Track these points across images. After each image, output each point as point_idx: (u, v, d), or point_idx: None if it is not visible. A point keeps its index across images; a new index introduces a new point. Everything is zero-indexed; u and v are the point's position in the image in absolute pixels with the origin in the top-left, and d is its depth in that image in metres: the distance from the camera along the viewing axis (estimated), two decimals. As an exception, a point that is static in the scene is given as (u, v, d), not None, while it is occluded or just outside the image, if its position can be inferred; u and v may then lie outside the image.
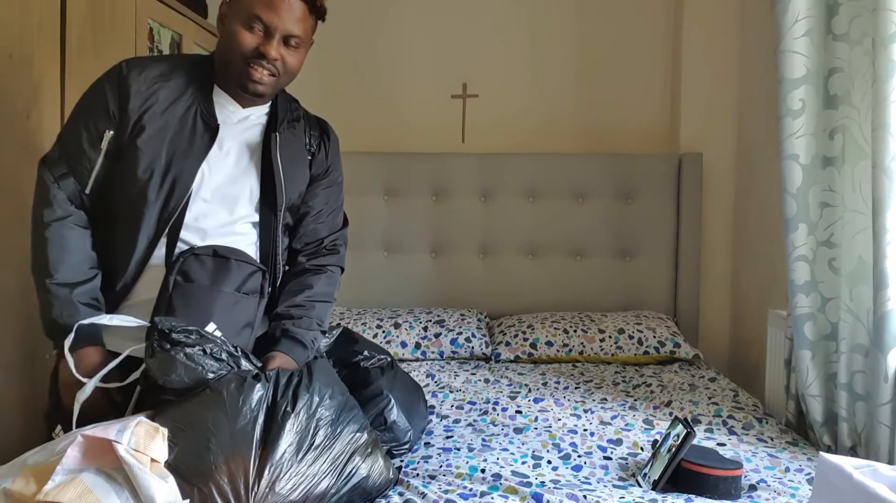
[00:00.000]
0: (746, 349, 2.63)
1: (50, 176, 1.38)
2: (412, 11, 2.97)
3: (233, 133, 1.46)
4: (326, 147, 1.61)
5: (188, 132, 1.40)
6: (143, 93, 1.38)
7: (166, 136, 1.38)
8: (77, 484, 1.02)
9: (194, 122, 1.41)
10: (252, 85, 1.41)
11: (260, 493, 1.12)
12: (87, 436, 1.07)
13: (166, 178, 1.37)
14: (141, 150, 1.36)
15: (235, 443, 1.14)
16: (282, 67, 1.42)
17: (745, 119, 2.71)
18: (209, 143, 1.41)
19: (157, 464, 1.08)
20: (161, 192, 1.37)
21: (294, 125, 1.55)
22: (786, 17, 1.72)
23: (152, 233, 1.38)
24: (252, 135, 1.49)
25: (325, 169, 1.61)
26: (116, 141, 1.38)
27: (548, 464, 1.54)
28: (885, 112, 1.50)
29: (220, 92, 1.46)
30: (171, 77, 1.42)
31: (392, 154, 2.88)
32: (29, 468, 1.07)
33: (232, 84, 1.44)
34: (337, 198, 1.66)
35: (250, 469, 1.13)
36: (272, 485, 1.14)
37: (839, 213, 1.71)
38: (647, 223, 2.78)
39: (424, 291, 2.83)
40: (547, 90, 2.95)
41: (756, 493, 1.41)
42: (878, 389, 1.53)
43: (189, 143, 1.39)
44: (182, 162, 1.38)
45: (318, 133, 1.60)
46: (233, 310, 1.39)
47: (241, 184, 1.46)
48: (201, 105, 1.42)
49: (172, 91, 1.41)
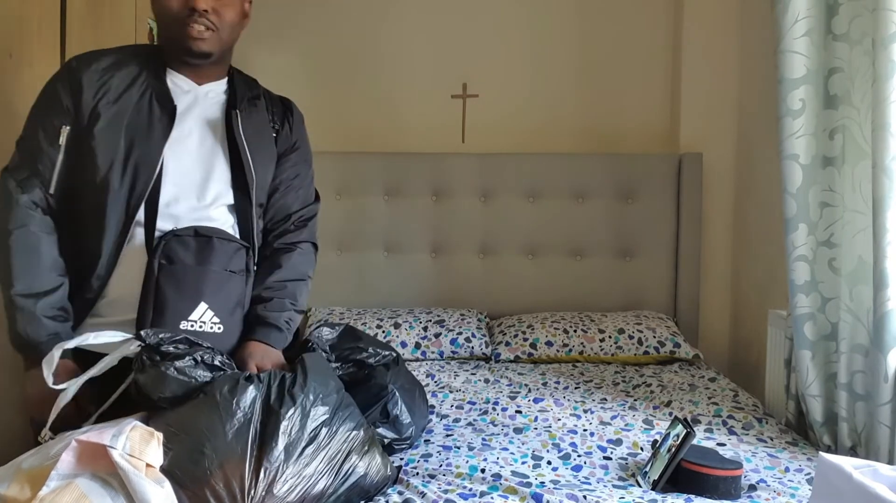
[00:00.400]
0: (746, 349, 2.62)
1: (12, 181, 1.36)
2: (412, 11, 2.97)
3: (193, 113, 1.45)
4: (290, 123, 1.59)
5: (145, 116, 1.39)
6: (95, 83, 1.38)
7: (122, 123, 1.37)
8: (72, 489, 1.01)
9: (150, 105, 1.40)
10: (193, 43, 1.38)
11: (257, 497, 1.12)
12: (82, 440, 1.06)
13: (128, 165, 1.36)
14: (98, 140, 1.36)
15: (230, 447, 1.14)
16: (217, 21, 1.40)
17: (745, 119, 2.71)
18: (168, 125, 1.40)
19: (152, 468, 1.07)
20: (124, 180, 1.36)
21: (255, 103, 1.53)
22: (786, 17, 1.72)
23: (121, 223, 1.37)
24: (212, 112, 1.47)
25: (291, 144, 1.59)
26: (74, 135, 1.37)
27: (548, 464, 1.54)
28: (886, 112, 1.49)
29: (173, 72, 1.45)
30: (122, 66, 1.41)
31: (392, 154, 2.87)
32: (24, 472, 1.06)
33: (178, 54, 1.42)
34: (306, 173, 1.64)
35: (246, 472, 1.13)
36: (269, 487, 1.13)
37: (839, 213, 1.70)
38: (647, 223, 2.78)
39: (424, 291, 2.83)
40: (547, 90, 2.95)
41: (756, 493, 1.41)
42: (878, 389, 1.53)
43: (147, 127, 1.38)
44: (142, 147, 1.37)
45: (282, 109, 1.59)
46: (223, 289, 1.38)
47: (209, 165, 1.44)
48: (155, 88, 1.41)
49: (124, 78, 1.40)
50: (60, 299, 1.36)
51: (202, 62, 1.44)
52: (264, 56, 2.93)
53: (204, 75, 1.48)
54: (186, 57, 1.42)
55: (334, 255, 2.84)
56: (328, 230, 2.81)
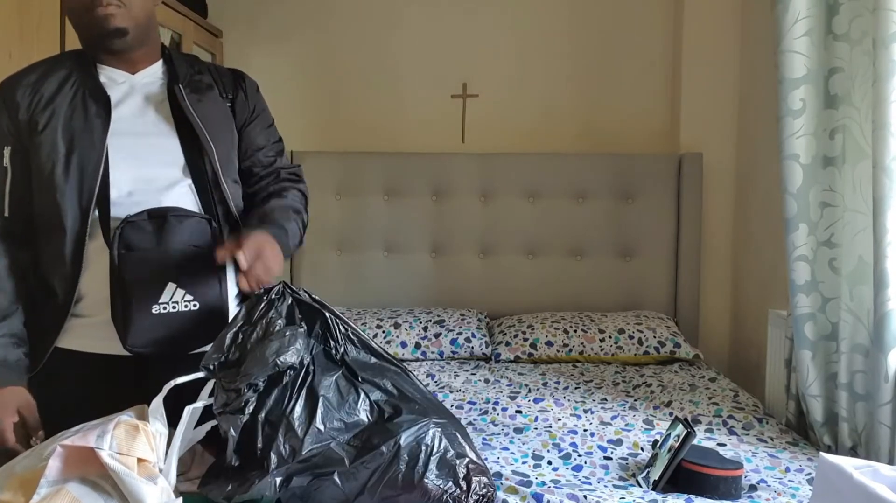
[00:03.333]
0: (746, 349, 2.62)
1: None
2: (412, 12, 2.97)
3: (132, 101, 1.42)
4: (244, 89, 1.55)
5: (80, 114, 1.37)
6: (28, 96, 1.37)
7: (58, 124, 1.35)
8: (64, 495, 0.99)
9: (84, 102, 1.38)
10: (104, 21, 1.34)
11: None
12: (67, 445, 1.03)
13: (70, 164, 1.34)
14: (39, 146, 1.35)
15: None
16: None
17: (745, 119, 2.71)
18: (106, 118, 1.37)
19: (144, 463, 1.05)
20: (69, 179, 1.34)
21: (200, 78, 1.50)
22: (786, 17, 1.72)
23: (77, 222, 1.35)
24: (153, 94, 1.45)
25: (250, 110, 1.55)
26: (17, 152, 1.37)
27: (548, 464, 1.54)
28: (886, 112, 1.49)
29: (103, 67, 1.43)
30: (51, 72, 1.41)
31: (392, 154, 2.87)
32: (17, 477, 1.04)
33: (97, 43, 1.40)
34: (276, 136, 1.61)
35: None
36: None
37: (839, 213, 1.70)
38: (647, 223, 2.78)
39: (424, 291, 2.83)
40: (547, 90, 2.95)
41: (756, 493, 1.41)
42: (879, 389, 1.52)
43: (84, 122, 1.36)
44: (83, 144, 1.35)
45: (231, 79, 1.55)
46: (190, 266, 1.36)
47: (158, 147, 1.41)
48: (87, 85, 1.39)
49: (54, 83, 1.39)
50: (14, 325, 1.35)
51: (120, 42, 1.39)
52: (264, 57, 2.94)
53: (135, 61, 1.44)
54: (104, 41, 1.38)
55: (334, 255, 2.84)
56: (328, 230, 2.82)
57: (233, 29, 2.98)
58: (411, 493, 1.13)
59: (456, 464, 1.17)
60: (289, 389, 1.23)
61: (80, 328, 1.36)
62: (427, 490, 1.13)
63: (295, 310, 1.28)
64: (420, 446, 1.16)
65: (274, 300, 1.27)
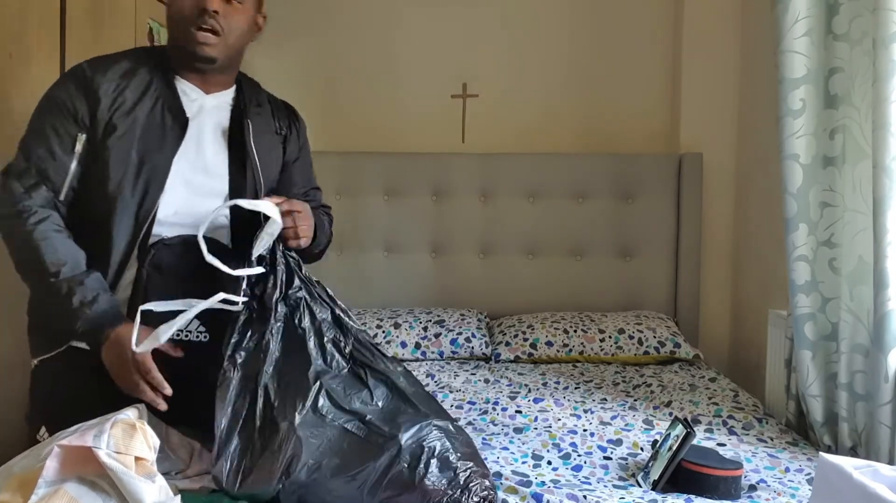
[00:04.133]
0: (746, 349, 2.62)
1: (19, 186, 1.35)
2: (412, 11, 2.97)
3: (199, 123, 1.45)
4: (297, 129, 1.61)
5: (157, 127, 1.39)
6: (111, 94, 1.38)
7: (136, 134, 1.37)
8: (62, 495, 0.99)
9: (162, 116, 1.40)
10: (199, 47, 1.38)
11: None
12: (64, 445, 1.03)
13: (140, 176, 1.37)
14: (112, 151, 1.36)
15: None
16: (225, 25, 1.39)
17: (745, 119, 2.71)
18: (180, 137, 1.40)
19: (142, 462, 1.05)
20: (136, 191, 1.36)
21: (259, 110, 1.54)
22: (786, 17, 1.72)
23: (130, 232, 1.37)
24: (219, 121, 1.48)
25: (298, 149, 1.61)
26: (89, 144, 1.37)
27: (548, 464, 1.54)
28: (886, 112, 1.49)
29: (182, 80, 1.45)
30: (134, 73, 1.41)
31: (392, 154, 2.87)
32: (15, 477, 1.04)
33: (185, 59, 1.42)
34: (314, 181, 1.69)
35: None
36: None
37: (839, 213, 1.70)
38: (647, 223, 2.78)
39: (424, 291, 2.83)
40: (547, 90, 2.95)
41: (756, 494, 1.40)
42: (879, 389, 1.52)
43: (160, 138, 1.39)
44: (154, 158, 1.38)
45: (286, 116, 1.60)
46: (214, 288, 1.36)
47: (210, 173, 1.44)
48: (167, 98, 1.41)
49: (137, 88, 1.40)
50: (100, 278, 1.35)
51: (207, 67, 1.43)
52: (264, 57, 2.93)
53: (212, 83, 1.48)
54: (192, 61, 1.42)
55: (334, 255, 2.84)
56: (328, 230, 2.82)
57: (233, 29, 2.97)
58: (412, 494, 1.13)
59: (457, 466, 1.17)
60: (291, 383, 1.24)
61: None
62: (427, 491, 1.13)
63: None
64: (421, 447, 1.16)
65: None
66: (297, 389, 1.20)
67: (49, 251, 1.32)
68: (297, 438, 1.13)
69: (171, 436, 1.30)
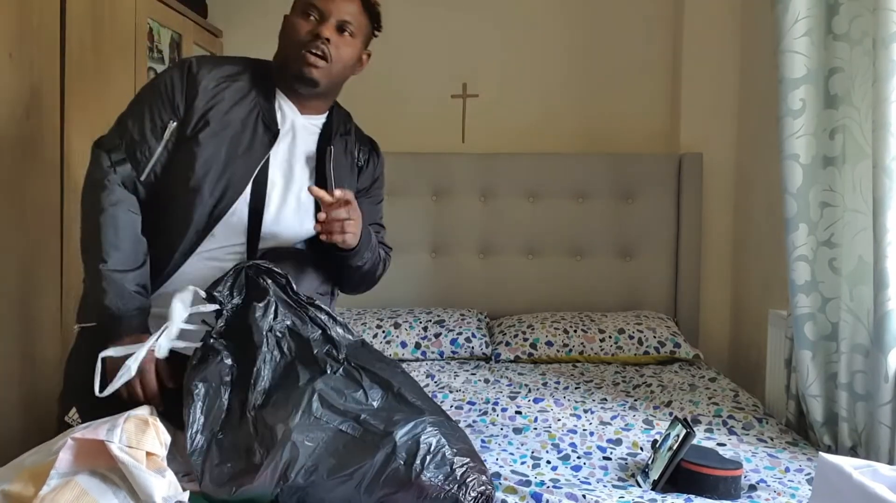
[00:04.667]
0: (746, 349, 2.62)
1: (107, 159, 1.40)
2: (412, 11, 2.96)
3: (288, 141, 1.50)
4: (375, 163, 1.67)
5: (248, 134, 1.44)
6: (211, 91, 1.43)
7: (227, 135, 1.42)
8: (73, 486, 1.01)
9: (255, 124, 1.45)
10: (307, 69, 1.44)
11: None
12: (78, 438, 1.06)
13: (222, 176, 1.41)
14: (201, 146, 1.40)
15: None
16: (334, 53, 1.45)
17: (745, 119, 2.71)
18: (268, 147, 1.45)
19: (153, 457, 1.07)
20: (216, 190, 1.41)
21: (345, 138, 1.59)
22: (786, 17, 1.72)
23: (202, 227, 1.41)
24: (307, 143, 1.53)
25: (370, 184, 1.66)
26: (179, 134, 1.42)
27: (547, 464, 1.54)
28: (886, 112, 1.49)
29: (281, 95, 1.51)
30: (237, 78, 1.47)
31: (392, 154, 2.85)
32: (27, 470, 1.06)
33: (289, 77, 1.47)
34: (381, 214, 1.73)
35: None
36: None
37: (839, 213, 1.70)
38: (647, 223, 2.78)
39: (424, 291, 2.83)
40: (547, 90, 2.95)
41: (756, 493, 1.40)
42: (879, 389, 1.52)
43: (248, 144, 1.44)
44: (240, 163, 1.42)
45: (368, 149, 1.66)
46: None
47: (298, 193, 1.49)
48: (263, 108, 1.47)
49: (237, 92, 1.46)
50: (145, 275, 1.40)
51: (308, 90, 1.49)
52: (264, 57, 2.93)
53: (309, 106, 1.53)
54: (295, 82, 1.47)
55: (334, 255, 2.84)
56: (328, 230, 2.82)
57: (233, 29, 2.98)
58: (408, 491, 1.13)
59: (453, 461, 1.17)
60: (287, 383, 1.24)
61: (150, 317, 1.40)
62: (424, 487, 1.13)
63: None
64: (417, 444, 1.16)
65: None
66: (290, 396, 1.21)
67: (109, 234, 1.36)
68: (292, 444, 1.14)
69: (179, 439, 1.31)
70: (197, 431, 1.21)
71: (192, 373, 1.25)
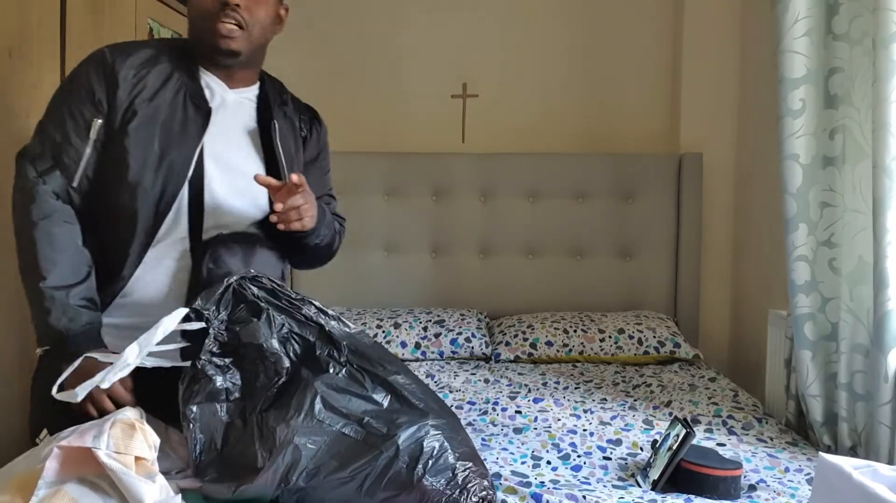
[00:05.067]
0: (746, 349, 2.62)
1: (33, 170, 1.31)
2: (413, 12, 2.97)
3: (225, 118, 1.42)
4: (318, 131, 1.58)
5: (179, 117, 1.36)
6: (131, 80, 1.34)
7: (157, 122, 1.34)
8: (62, 495, 0.98)
9: (184, 105, 1.37)
10: (223, 41, 1.35)
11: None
12: (64, 446, 1.02)
13: (161, 166, 1.33)
14: (132, 138, 1.32)
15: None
16: (248, 17, 1.36)
17: (745, 119, 2.71)
18: (203, 127, 1.37)
19: (142, 462, 1.04)
20: (157, 181, 1.33)
21: (284, 109, 1.52)
22: (786, 17, 1.72)
23: (150, 224, 1.34)
24: (245, 118, 1.45)
25: (316, 153, 1.58)
26: (106, 130, 1.34)
27: (547, 464, 1.54)
28: (886, 112, 1.49)
29: (205, 72, 1.42)
30: (157, 61, 1.38)
31: (392, 154, 2.87)
32: (15, 479, 1.03)
33: (208, 53, 1.39)
34: (330, 185, 1.65)
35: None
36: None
37: (839, 213, 1.70)
38: (647, 223, 2.78)
39: (424, 291, 2.83)
40: (547, 90, 2.95)
41: (756, 493, 1.40)
42: (879, 389, 1.52)
43: (182, 128, 1.35)
44: (177, 148, 1.34)
45: (308, 117, 1.58)
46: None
47: (245, 170, 1.40)
48: (189, 88, 1.38)
49: (159, 75, 1.37)
50: (90, 288, 1.32)
51: (231, 61, 1.41)
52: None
53: (236, 79, 1.45)
54: (216, 55, 1.39)
55: (334, 255, 2.84)
56: (328, 230, 2.82)
57: (233, 29, 2.98)
58: (410, 494, 1.13)
59: (455, 466, 1.17)
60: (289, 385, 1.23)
61: (108, 328, 1.34)
62: (426, 491, 1.13)
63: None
64: (420, 447, 1.16)
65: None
66: (292, 398, 1.20)
67: (45, 250, 1.29)
68: (294, 447, 1.13)
69: (171, 435, 1.29)
70: (201, 452, 1.20)
71: (185, 396, 1.22)
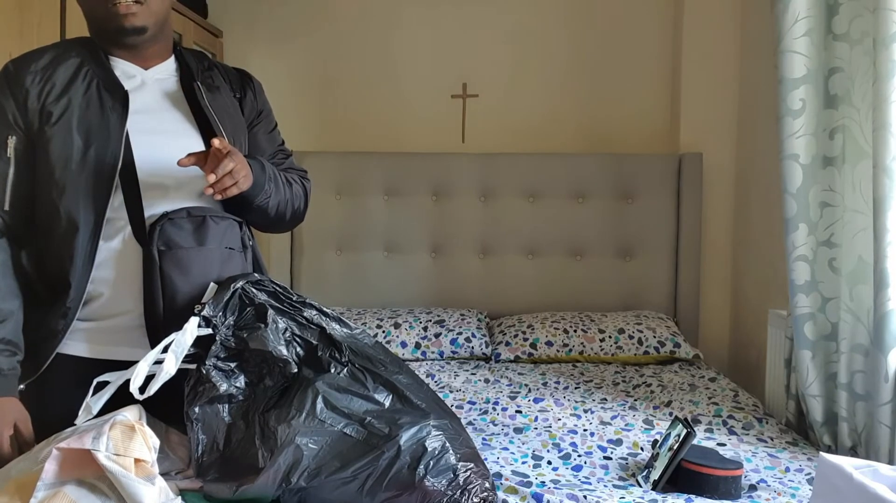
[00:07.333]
0: (746, 349, 2.62)
1: None
2: (412, 12, 2.97)
3: (147, 97, 1.37)
4: (252, 89, 1.52)
5: (96, 106, 1.31)
6: (38, 84, 1.30)
7: (73, 116, 1.30)
8: (61, 497, 0.98)
9: (99, 95, 1.32)
10: (124, 20, 1.30)
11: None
12: (63, 448, 1.01)
13: (87, 160, 1.29)
14: (51, 139, 1.28)
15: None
16: None
17: (745, 119, 2.71)
18: (123, 113, 1.32)
19: (142, 464, 1.03)
20: (86, 174, 1.29)
21: (210, 74, 1.46)
22: (786, 17, 1.72)
23: (91, 219, 1.29)
24: (168, 91, 1.40)
25: (257, 112, 1.52)
26: (24, 144, 1.30)
27: (548, 464, 1.54)
28: (886, 112, 1.49)
29: (116, 59, 1.38)
30: (62, 60, 1.34)
31: (392, 154, 2.87)
32: (13, 481, 1.03)
33: (112, 37, 1.35)
34: (280, 139, 1.59)
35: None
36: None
37: (839, 213, 1.70)
38: (647, 223, 2.78)
39: (424, 291, 2.83)
40: (547, 90, 2.95)
41: (756, 493, 1.41)
42: (879, 389, 1.52)
43: (101, 117, 1.31)
44: (100, 139, 1.30)
45: (238, 77, 1.52)
46: (227, 267, 1.34)
47: (180, 144, 1.34)
48: (101, 76, 1.34)
49: (66, 71, 1.33)
50: (11, 330, 1.27)
51: (138, 39, 1.35)
52: (264, 57, 2.94)
53: (148, 56, 1.40)
54: (121, 37, 1.34)
55: (334, 255, 2.84)
56: (328, 230, 2.82)
57: (233, 29, 2.98)
58: (411, 495, 1.13)
59: (457, 467, 1.17)
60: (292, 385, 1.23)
61: (86, 332, 1.32)
62: (427, 492, 1.13)
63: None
64: (421, 448, 1.16)
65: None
66: (294, 398, 1.20)
67: None
68: (295, 447, 1.13)
69: (171, 436, 1.29)
70: (203, 452, 1.20)
71: (189, 398, 1.22)
